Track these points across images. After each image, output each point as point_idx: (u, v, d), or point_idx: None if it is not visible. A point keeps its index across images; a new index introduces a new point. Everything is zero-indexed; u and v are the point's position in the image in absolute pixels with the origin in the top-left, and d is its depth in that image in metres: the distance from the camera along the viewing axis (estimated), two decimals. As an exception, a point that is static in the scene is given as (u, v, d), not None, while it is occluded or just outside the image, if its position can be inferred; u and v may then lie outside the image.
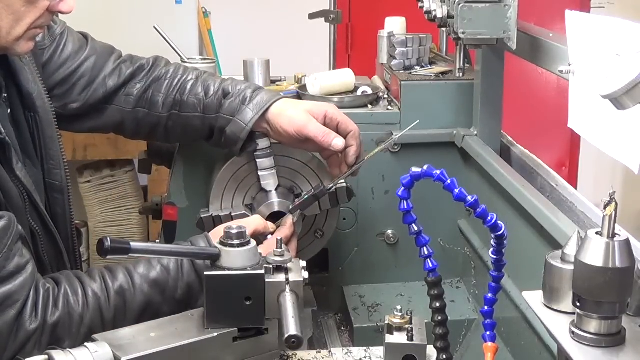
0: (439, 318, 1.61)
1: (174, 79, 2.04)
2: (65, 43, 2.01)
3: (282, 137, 1.98)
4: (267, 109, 1.96)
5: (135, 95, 2.03)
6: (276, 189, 2.09)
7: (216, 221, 2.10)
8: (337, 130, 1.96)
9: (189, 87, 2.03)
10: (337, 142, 1.92)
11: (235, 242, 1.54)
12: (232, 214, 2.10)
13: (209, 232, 2.12)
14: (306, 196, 2.01)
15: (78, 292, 1.61)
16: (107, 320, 1.62)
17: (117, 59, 2.07)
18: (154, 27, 2.53)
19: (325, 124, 1.95)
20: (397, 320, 1.57)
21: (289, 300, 1.52)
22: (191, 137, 2.08)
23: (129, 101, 2.03)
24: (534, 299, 1.34)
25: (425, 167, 1.49)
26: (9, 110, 1.77)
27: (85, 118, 2.04)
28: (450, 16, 1.98)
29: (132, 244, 1.54)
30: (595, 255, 1.18)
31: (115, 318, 1.63)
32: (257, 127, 1.97)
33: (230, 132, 1.97)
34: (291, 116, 1.94)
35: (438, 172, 1.48)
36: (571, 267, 1.24)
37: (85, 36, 2.10)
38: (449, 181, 1.47)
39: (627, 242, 1.18)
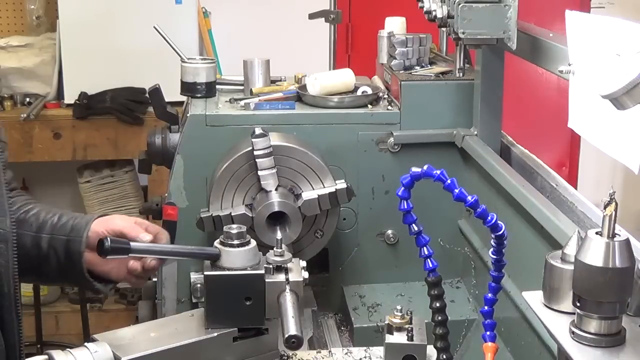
0: (439, 318, 1.61)
1: None
2: None
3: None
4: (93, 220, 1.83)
5: None
6: (276, 189, 2.09)
7: (216, 221, 2.10)
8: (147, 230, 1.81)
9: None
10: (144, 236, 1.76)
11: (235, 242, 1.55)
12: (232, 214, 2.10)
13: (209, 232, 2.13)
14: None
15: None
16: None
17: None
18: (154, 27, 2.52)
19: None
20: (397, 320, 1.57)
21: (289, 300, 1.52)
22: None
23: None
24: (534, 299, 1.34)
25: (425, 167, 1.49)
26: None
27: None
28: (450, 16, 1.98)
29: (132, 244, 1.55)
30: (595, 255, 1.18)
31: None
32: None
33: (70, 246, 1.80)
34: (104, 219, 1.83)
35: (438, 172, 1.48)
36: (571, 267, 1.24)
37: None
38: (449, 181, 1.47)
39: (627, 242, 1.18)
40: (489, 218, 1.45)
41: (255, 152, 2.07)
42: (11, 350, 1.72)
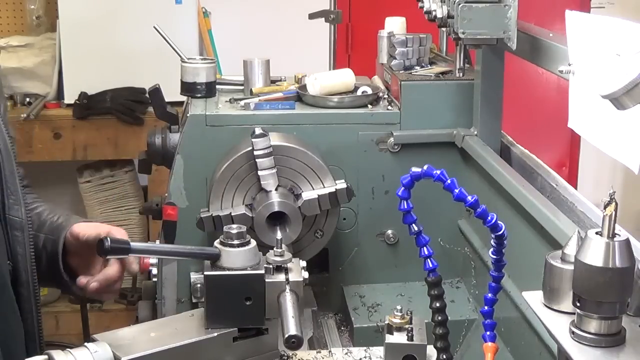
0: (439, 318, 1.61)
1: None
2: None
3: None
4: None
5: None
6: (276, 189, 2.09)
7: (216, 221, 2.10)
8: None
9: None
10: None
11: (235, 242, 1.55)
12: (232, 214, 2.10)
13: (209, 232, 2.13)
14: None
15: None
16: None
17: None
18: (154, 27, 2.52)
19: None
20: (397, 320, 1.57)
21: (289, 300, 1.52)
22: None
23: None
24: (534, 299, 1.34)
25: (425, 167, 1.49)
26: None
27: None
28: (450, 16, 1.98)
29: (132, 244, 1.55)
30: (595, 255, 1.18)
31: None
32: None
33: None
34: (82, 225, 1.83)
35: (438, 172, 1.48)
36: (571, 267, 1.24)
37: None
38: (449, 181, 1.47)
39: (627, 242, 1.18)
40: (489, 218, 1.45)
41: (255, 152, 2.07)
42: (30, 339, 1.73)
